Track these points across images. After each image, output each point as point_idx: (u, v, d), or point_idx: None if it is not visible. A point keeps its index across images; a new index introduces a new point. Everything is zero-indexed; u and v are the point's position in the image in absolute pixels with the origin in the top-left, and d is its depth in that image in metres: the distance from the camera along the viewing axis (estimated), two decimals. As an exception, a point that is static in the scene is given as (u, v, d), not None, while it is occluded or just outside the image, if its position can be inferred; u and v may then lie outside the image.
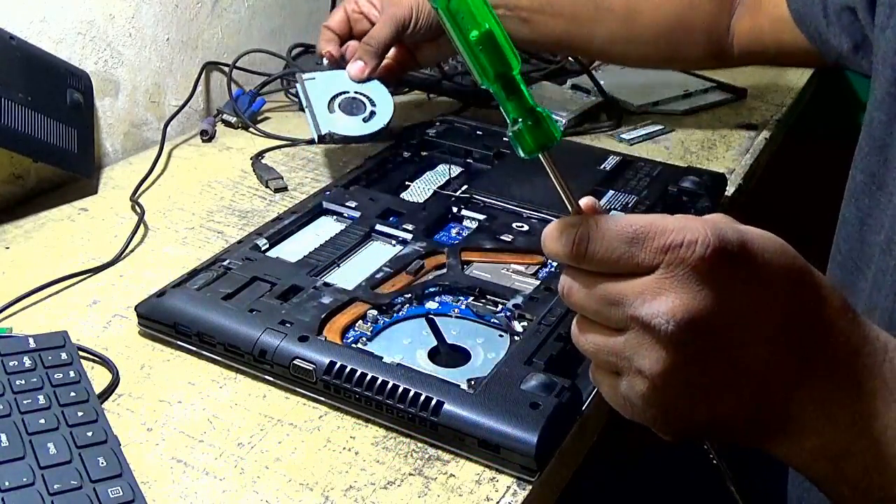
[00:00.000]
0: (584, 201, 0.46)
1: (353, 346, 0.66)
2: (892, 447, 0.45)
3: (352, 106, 0.94)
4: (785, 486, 0.76)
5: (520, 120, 0.45)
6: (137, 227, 0.85)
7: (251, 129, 1.08)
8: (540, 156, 0.45)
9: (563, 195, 0.46)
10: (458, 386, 0.61)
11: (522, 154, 0.45)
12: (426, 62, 1.05)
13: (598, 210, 0.46)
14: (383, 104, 0.95)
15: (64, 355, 0.63)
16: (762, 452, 0.48)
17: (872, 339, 0.46)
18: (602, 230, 0.43)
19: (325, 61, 0.99)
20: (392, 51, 0.98)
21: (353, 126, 0.93)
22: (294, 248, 0.79)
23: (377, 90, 0.96)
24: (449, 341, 0.67)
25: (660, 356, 0.43)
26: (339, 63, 0.98)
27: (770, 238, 0.44)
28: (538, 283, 0.74)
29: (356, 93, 0.95)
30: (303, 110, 0.96)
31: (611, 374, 0.46)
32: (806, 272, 0.45)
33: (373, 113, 0.94)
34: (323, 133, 0.90)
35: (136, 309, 0.70)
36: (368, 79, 0.96)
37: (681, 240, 0.42)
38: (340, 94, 0.95)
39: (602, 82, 1.17)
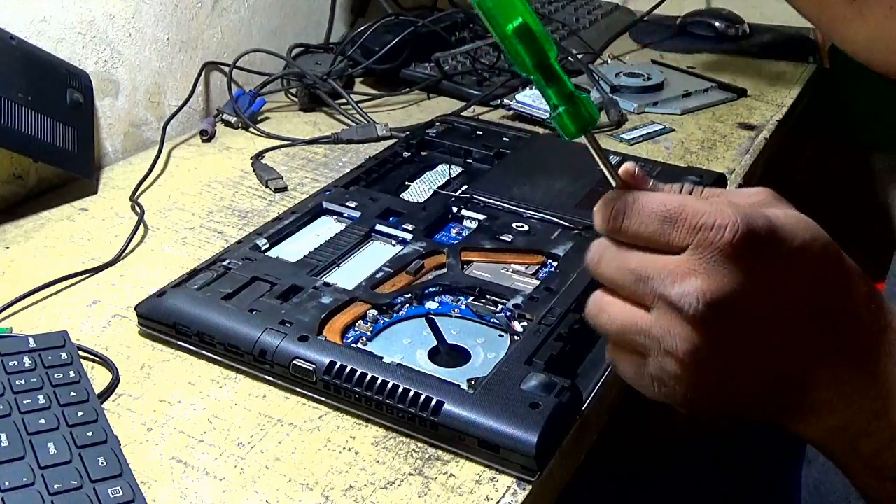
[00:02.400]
0: (625, 168, 0.47)
1: (353, 346, 0.66)
2: None
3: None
4: (800, 471, 0.77)
5: (560, 105, 0.47)
6: (137, 227, 0.85)
7: (251, 129, 1.08)
8: (583, 137, 0.47)
9: (605, 171, 0.48)
10: (458, 386, 0.61)
11: (565, 136, 0.47)
12: None
13: (638, 178, 0.47)
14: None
15: (64, 355, 0.63)
16: (778, 438, 0.49)
17: (895, 327, 0.47)
18: (638, 206, 0.45)
19: None
20: None
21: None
22: (294, 248, 0.79)
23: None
24: (449, 341, 0.67)
25: (689, 336, 0.44)
26: None
27: (803, 223, 0.45)
28: (538, 283, 0.74)
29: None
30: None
31: (632, 353, 0.47)
32: (834, 259, 0.46)
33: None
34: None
35: (136, 309, 0.70)
36: None
37: (711, 222, 0.43)
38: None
39: (602, 82, 1.17)
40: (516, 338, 0.67)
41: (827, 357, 0.46)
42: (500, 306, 0.71)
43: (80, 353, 0.66)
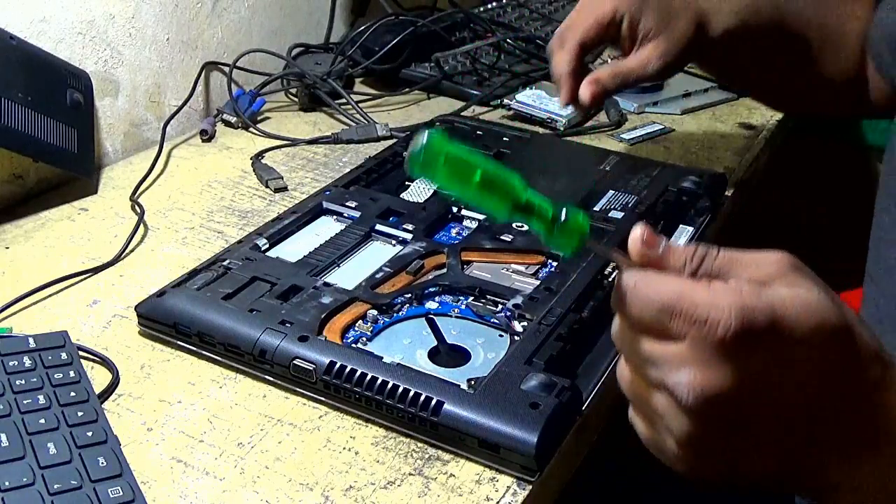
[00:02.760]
0: (633, 238, 0.46)
1: (353, 346, 0.66)
2: None
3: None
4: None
5: (550, 232, 0.47)
6: (137, 227, 0.85)
7: (251, 129, 1.08)
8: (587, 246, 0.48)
9: (618, 263, 0.48)
10: (458, 386, 0.61)
11: (567, 255, 0.48)
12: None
13: (648, 243, 0.46)
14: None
15: (64, 355, 0.63)
16: None
17: None
18: (637, 292, 0.45)
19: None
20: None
21: None
22: (294, 248, 0.79)
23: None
24: (449, 341, 0.67)
25: (684, 422, 0.45)
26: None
27: (813, 306, 0.43)
28: (538, 283, 0.74)
29: None
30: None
31: (646, 419, 0.49)
32: (844, 343, 0.44)
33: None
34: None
35: (136, 309, 0.70)
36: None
37: (705, 317, 0.43)
38: None
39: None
40: (516, 338, 0.67)
41: (837, 443, 0.46)
42: (500, 306, 0.71)
43: (80, 353, 0.66)
